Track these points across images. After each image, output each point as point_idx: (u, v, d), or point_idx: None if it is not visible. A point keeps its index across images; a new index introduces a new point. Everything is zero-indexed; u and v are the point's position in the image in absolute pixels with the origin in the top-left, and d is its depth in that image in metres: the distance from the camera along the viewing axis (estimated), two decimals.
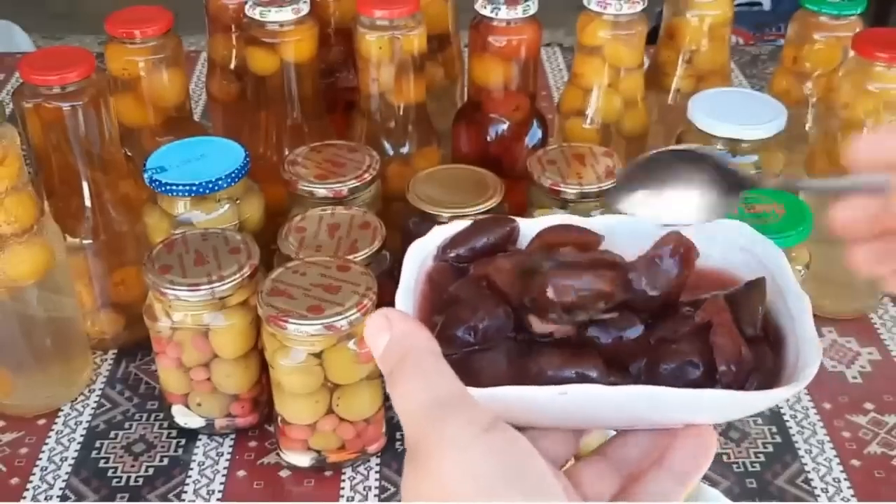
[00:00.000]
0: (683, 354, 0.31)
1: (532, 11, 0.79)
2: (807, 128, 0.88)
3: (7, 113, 0.66)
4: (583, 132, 0.85)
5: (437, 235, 0.37)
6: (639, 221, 0.37)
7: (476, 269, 0.35)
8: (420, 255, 0.37)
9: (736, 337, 0.31)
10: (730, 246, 0.36)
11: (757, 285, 0.34)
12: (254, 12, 0.78)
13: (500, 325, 0.33)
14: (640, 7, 0.81)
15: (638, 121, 0.87)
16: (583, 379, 0.31)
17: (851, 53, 0.77)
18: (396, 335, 0.31)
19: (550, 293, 0.32)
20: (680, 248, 0.34)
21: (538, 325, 0.32)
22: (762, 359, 0.32)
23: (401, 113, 0.81)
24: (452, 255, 0.37)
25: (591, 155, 0.78)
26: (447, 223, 0.39)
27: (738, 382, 0.31)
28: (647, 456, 0.34)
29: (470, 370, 0.32)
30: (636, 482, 0.34)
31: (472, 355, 0.33)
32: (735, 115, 0.78)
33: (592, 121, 0.85)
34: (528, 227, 0.38)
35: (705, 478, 0.66)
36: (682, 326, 0.33)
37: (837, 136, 0.78)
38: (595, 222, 0.38)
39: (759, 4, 1.98)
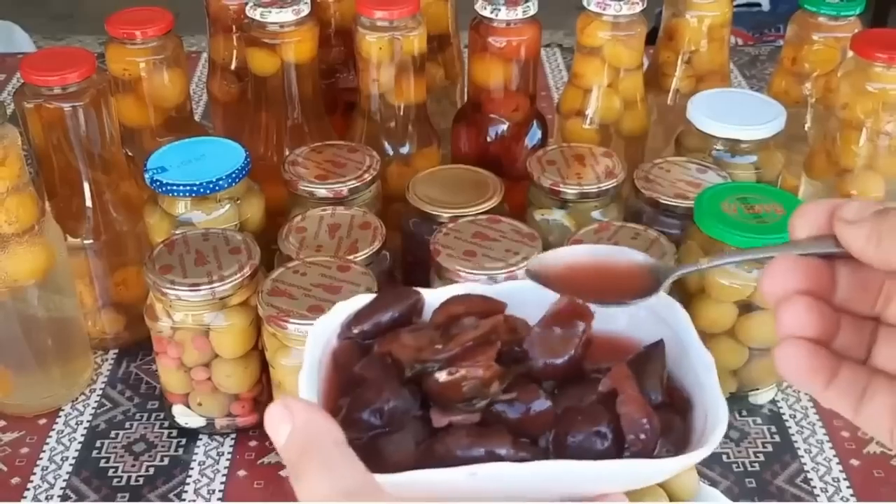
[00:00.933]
0: (590, 425, 0.31)
1: (532, 12, 0.79)
2: (806, 128, 0.89)
3: (8, 113, 0.67)
4: (582, 133, 0.85)
5: (340, 312, 0.36)
6: (542, 288, 0.35)
7: (380, 347, 0.34)
8: (324, 335, 0.35)
9: (642, 405, 0.31)
10: (635, 308, 0.35)
11: (657, 349, 0.33)
12: (254, 13, 0.78)
13: (406, 405, 0.32)
14: (639, 8, 0.81)
15: (637, 121, 0.87)
16: (492, 457, 0.31)
17: (850, 54, 0.77)
18: (298, 425, 0.30)
19: (440, 390, 0.32)
20: (574, 311, 0.34)
21: (438, 420, 0.32)
22: (670, 424, 0.32)
23: (401, 113, 0.81)
24: (357, 331, 0.36)
25: (590, 155, 0.78)
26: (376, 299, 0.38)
27: (647, 451, 0.31)
28: None
29: (377, 455, 0.31)
30: None
31: (378, 439, 0.32)
32: (734, 115, 0.79)
33: (592, 121, 0.85)
34: (433, 298, 0.37)
35: (705, 478, 0.66)
36: (587, 395, 0.32)
37: (837, 136, 0.78)
38: (498, 289, 0.37)
39: (759, 5, 1.98)
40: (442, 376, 0.32)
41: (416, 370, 0.33)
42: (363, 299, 0.37)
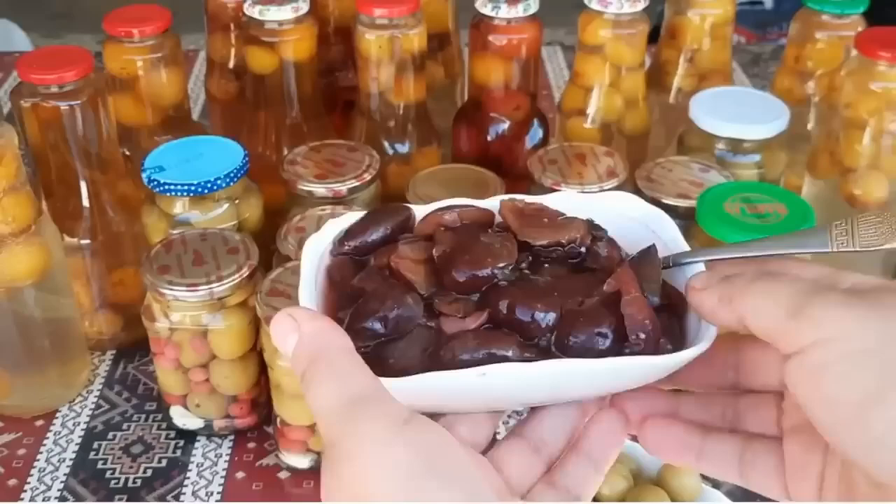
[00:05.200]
0: (593, 325, 0.31)
1: (533, 10, 0.79)
2: (809, 127, 0.88)
3: (5, 112, 0.66)
4: (584, 132, 0.85)
5: (332, 229, 0.36)
6: (530, 198, 0.37)
7: (377, 260, 0.35)
8: (317, 251, 0.35)
9: (645, 307, 0.31)
10: (623, 218, 0.36)
11: (650, 253, 0.34)
12: (253, 11, 0.77)
13: (411, 313, 0.32)
14: (641, 6, 0.81)
15: (639, 120, 0.87)
16: (498, 359, 0.31)
17: (854, 52, 0.77)
18: (305, 334, 0.30)
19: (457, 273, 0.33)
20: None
21: (450, 326, 0.32)
22: (667, 325, 0.32)
23: (401, 112, 0.81)
24: (348, 247, 0.36)
25: (592, 154, 0.77)
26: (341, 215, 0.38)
27: (649, 350, 0.31)
28: (564, 435, 0.34)
29: (383, 361, 0.32)
30: (557, 468, 0.34)
31: (383, 346, 0.32)
32: (737, 114, 0.78)
33: (593, 120, 0.85)
34: (422, 212, 0.37)
35: (707, 479, 0.66)
36: (587, 294, 0.33)
37: (840, 135, 0.78)
38: (482, 203, 0.37)
39: (761, 3, 1.98)
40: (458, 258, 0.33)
41: (428, 253, 0.34)
42: (353, 216, 0.37)
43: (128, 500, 0.67)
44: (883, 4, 1.61)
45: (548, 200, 0.37)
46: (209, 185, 0.69)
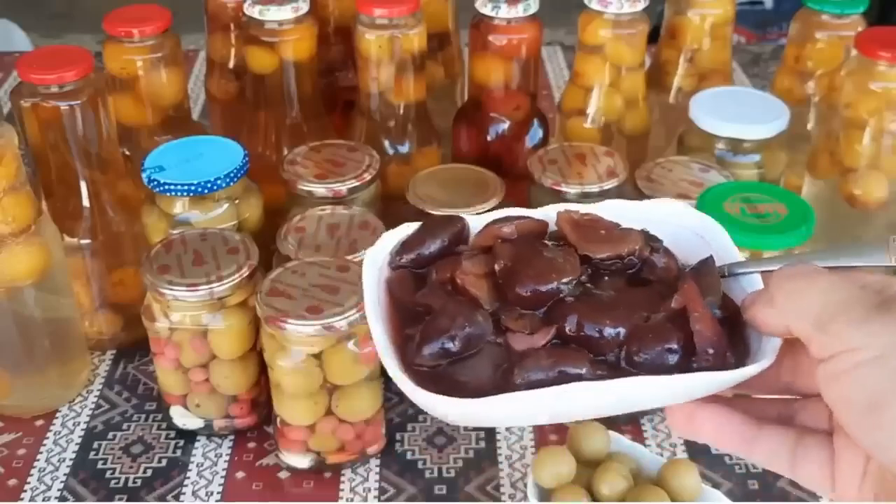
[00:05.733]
0: (662, 342, 0.32)
1: (533, 10, 0.79)
2: (809, 127, 0.88)
3: (5, 112, 0.66)
4: (584, 132, 0.85)
5: (388, 241, 0.36)
6: (584, 208, 0.37)
7: (438, 274, 0.35)
8: (376, 266, 0.36)
9: (714, 324, 0.32)
10: (674, 227, 0.37)
11: (707, 265, 0.34)
12: (253, 11, 0.77)
13: (481, 331, 0.32)
14: (641, 6, 0.81)
15: (639, 120, 0.86)
16: (572, 377, 0.31)
17: (854, 52, 0.77)
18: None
19: (521, 291, 0.33)
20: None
21: (519, 343, 0.32)
22: (730, 338, 0.33)
23: (401, 112, 0.81)
24: (406, 260, 0.36)
25: (592, 154, 0.77)
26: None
27: (717, 365, 0.32)
28: None
29: (456, 381, 0.32)
30: None
31: (454, 365, 0.32)
32: (737, 114, 0.78)
33: (593, 120, 0.85)
34: (476, 223, 0.37)
35: (707, 479, 0.66)
36: (652, 310, 0.33)
37: (840, 135, 0.78)
38: (537, 213, 0.38)
39: (761, 3, 1.98)
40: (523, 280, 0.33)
41: (490, 269, 0.34)
42: (408, 228, 0.37)
43: (128, 500, 0.67)
44: (886, 5, 1.61)
45: (601, 210, 0.36)
46: (209, 185, 0.69)
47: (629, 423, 0.72)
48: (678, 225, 0.37)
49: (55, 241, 0.71)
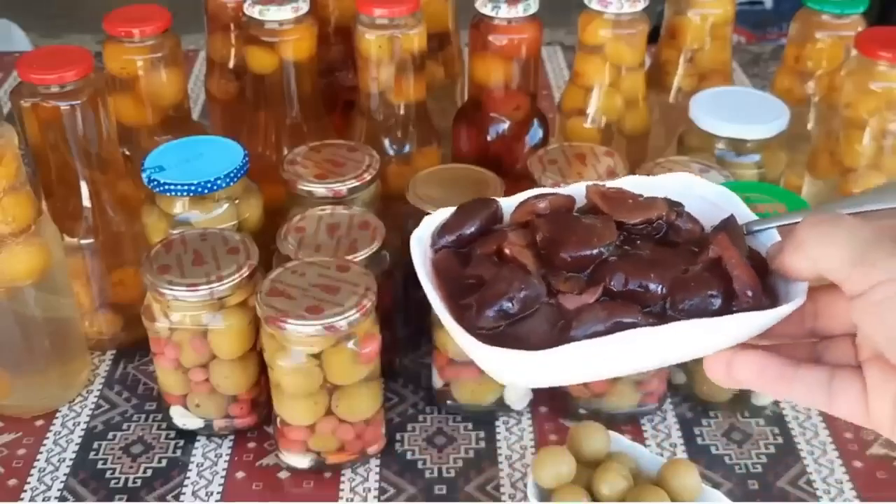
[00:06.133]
0: (704, 289, 0.34)
1: (533, 10, 0.79)
2: (809, 127, 0.88)
3: (5, 112, 0.66)
4: (584, 132, 0.85)
5: (429, 224, 0.39)
6: (610, 183, 0.40)
7: (483, 249, 0.37)
8: (422, 247, 0.39)
9: (749, 269, 0.35)
10: (690, 197, 0.40)
11: (732, 223, 0.37)
12: (253, 11, 0.77)
13: (537, 291, 0.35)
14: (641, 6, 0.81)
15: (639, 120, 0.87)
16: (627, 326, 0.34)
17: (854, 52, 0.77)
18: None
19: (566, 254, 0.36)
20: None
21: (571, 302, 0.35)
22: (764, 283, 0.36)
23: (401, 112, 0.81)
24: (448, 240, 0.39)
25: (592, 154, 0.77)
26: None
27: (756, 306, 0.35)
28: None
29: (519, 339, 0.34)
30: None
31: (514, 325, 0.34)
32: (737, 114, 0.78)
33: (593, 120, 0.85)
34: (508, 204, 0.40)
35: (707, 480, 0.66)
36: (688, 263, 0.36)
37: (840, 135, 0.78)
38: (564, 189, 0.40)
39: (761, 3, 1.98)
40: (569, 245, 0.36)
41: (533, 238, 0.37)
42: (445, 212, 0.40)
43: (128, 500, 0.67)
44: (886, 5, 1.61)
45: (623, 184, 0.40)
46: (209, 185, 0.69)
47: (629, 423, 0.72)
48: (694, 195, 0.40)
49: (55, 241, 0.71)
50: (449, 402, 0.73)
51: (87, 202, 0.74)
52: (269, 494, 0.67)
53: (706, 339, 0.35)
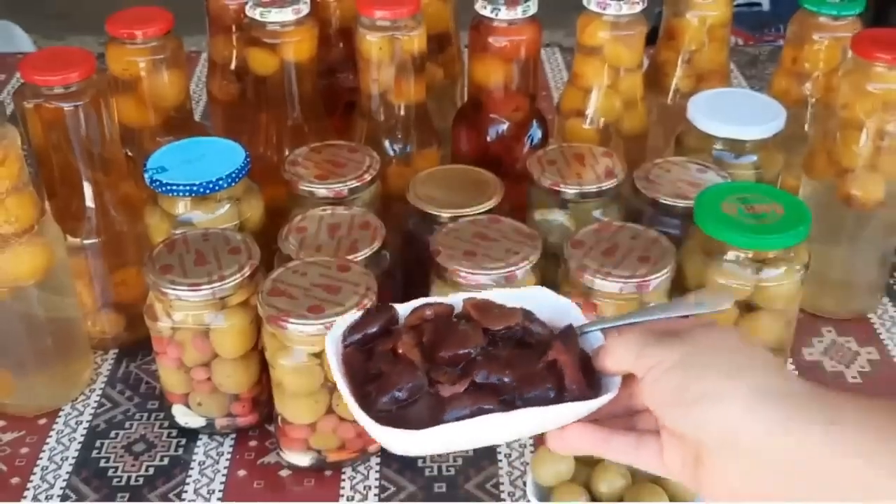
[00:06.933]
0: (543, 384, 0.45)
1: (532, 12, 0.79)
2: (806, 128, 0.89)
3: (8, 113, 0.67)
4: (582, 132, 0.85)
5: (340, 326, 0.48)
6: (479, 296, 0.49)
7: (383, 347, 0.46)
8: (335, 344, 0.47)
9: (576, 370, 0.45)
10: (540, 305, 0.49)
11: (570, 331, 0.47)
12: (254, 13, 0.78)
13: (421, 383, 0.44)
14: (639, 7, 0.81)
15: (637, 121, 0.87)
16: (486, 411, 0.43)
17: (850, 54, 0.77)
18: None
19: (445, 355, 0.45)
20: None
21: (445, 391, 0.44)
22: (589, 380, 0.46)
23: (401, 113, 0.81)
24: (355, 338, 0.47)
25: (590, 155, 0.78)
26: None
27: (580, 398, 0.45)
28: None
29: (406, 420, 0.43)
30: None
31: (404, 409, 0.44)
32: (734, 115, 0.79)
33: (592, 121, 0.85)
34: (403, 310, 0.49)
35: None
36: (534, 363, 0.45)
37: (837, 136, 0.78)
38: (446, 300, 0.49)
39: (759, 5, 1.98)
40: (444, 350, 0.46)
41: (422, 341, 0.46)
42: (353, 316, 0.48)
43: (130, 499, 0.67)
44: (882, 7, 1.61)
45: (491, 296, 0.49)
46: (211, 186, 0.69)
47: None
48: (546, 304, 0.49)
49: (58, 242, 0.71)
50: None
51: (89, 202, 0.74)
52: (271, 493, 0.68)
53: (543, 422, 0.45)
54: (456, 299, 0.49)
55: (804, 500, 0.39)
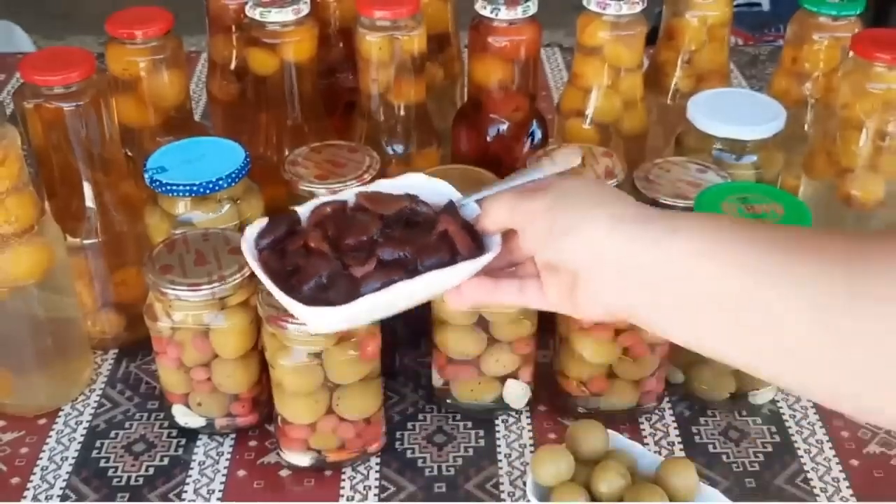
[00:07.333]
0: (439, 251, 0.51)
1: (532, 12, 0.79)
2: (806, 128, 0.89)
3: (8, 113, 0.67)
4: (582, 132, 0.85)
5: (251, 233, 0.53)
6: (369, 188, 0.56)
7: (292, 246, 0.52)
8: (250, 249, 0.52)
9: (464, 235, 0.51)
10: (423, 189, 0.55)
11: (451, 205, 0.54)
12: (254, 13, 0.78)
13: (336, 269, 0.50)
14: (639, 7, 0.81)
15: (637, 121, 0.87)
16: (395, 281, 0.49)
17: (850, 54, 0.77)
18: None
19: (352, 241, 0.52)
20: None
21: (358, 272, 0.50)
22: (475, 243, 0.52)
23: (401, 113, 0.81)
24: (266, 243, 0.53)
25: (590, 155, 0.78)
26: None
27: (471, 257, 0.51)
28: None
29: (330, 301, 0.49)
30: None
31: (324, 291, 0.50)
32: (734, 115, 0.79)
33: (592, 121, 0.85)
34: (303, 211, 0.54)
35: (705, 478, 0.66)
36: (427, 235, 0.52)
37: (837, 136, 0.78)
38: (340, 196, 0.55)
39: (759, 5, 1.98)
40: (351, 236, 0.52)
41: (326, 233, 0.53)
42: (262, 222, 0.53)
43: (130, 499, 0.67)
44: (882, 7, 1.60)
45: (377, 187, 0.55)
46: (211, 186, 0.70)
47: (627, 422, 0.73)
48: (425, 188, 0.55)
49: (58, 241, 0.71)
50: (448, 400, 0.74)
51: (89, 203, 0.74)
52: (271, 493, 0.68)
53: (444, 283, 0.51)
54: (348, 194, 0.55)
55: (668, 307, 0.44)
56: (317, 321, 0.50)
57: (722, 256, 0.42)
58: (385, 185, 0.55)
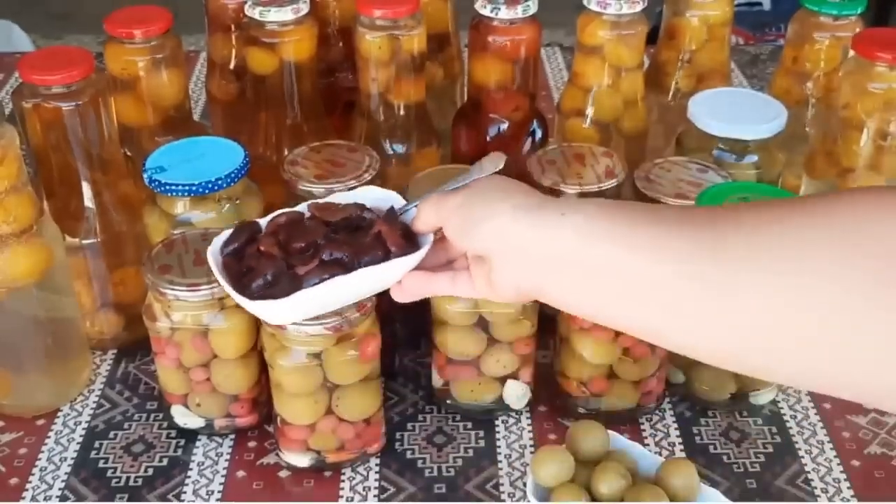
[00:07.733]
0: (374, 250, 0.55)
1: (532, 11, 0.79)
2: (807, 128, 0.88)
3: (6, 113, 0.66)
4: (583, 132, 0.85)
5: (217, 243, 0.56)
6: (321, 201, 0.59)
7: (249, 250, 0.56)
8: (215, 256, 0.56)
9: (396, 235, 0.55)
10: (371, 199, 0.59)
11: (390, 211, 0.57)
12: (253, 12, 0.78)
13: (281, 269, 0.54)
14: (640, 7, 0.81)
15: (638, 120, 0.87)
16: (335, 275, 0.53)
17: (851, 53, 0.77)
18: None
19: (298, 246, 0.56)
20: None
21: (301, 270, 0.54)
22: (412, 242, 0.56)
23: (401, 113, 0.81)
24: (229, 249, 0.56)
25: (590, 155, 0.77)
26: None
27: (405, 254, 0.54)
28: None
29: (275, 295, 0.53)
30: None
31: (271, 288, 0.53)
32: (735, 115, 0.79)
33: (592, 121, 0.85)
34: (263, 221, 0.58)
35: (706, 479, 0.66)
36: (365, 236, 0.56)
37: (837, 136, 0.78)
38: (298, 208, 0.59)
39: (759, 4, 1.98)
40: (296, 242, 0.56)
41: (278, 241, 0.57)
42: (226, 233, 0.57)
43: (129, 499, 0.67)
44: (883, 6, 1.60)
45: (330, 198, 0.59)
46: (210, 186, 0.69)
47: (628, 423, 0.73)
48: (378, 198, 0.59)
49: (57, 241, 0.71)
50: (448, 401, 0.74)
51: (88, 202, 0.74)
52: (270, 493, 0.68)
53: (380, 278, 0.55)
54: (304, 206, 0.59)
55: (567, 284, 0.49)
56: (263, 313, 0.54)
57: (602, 234, 0.47)
58: (339, 197, 0.60)
